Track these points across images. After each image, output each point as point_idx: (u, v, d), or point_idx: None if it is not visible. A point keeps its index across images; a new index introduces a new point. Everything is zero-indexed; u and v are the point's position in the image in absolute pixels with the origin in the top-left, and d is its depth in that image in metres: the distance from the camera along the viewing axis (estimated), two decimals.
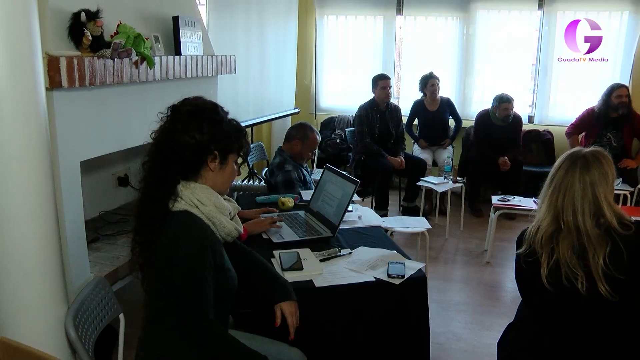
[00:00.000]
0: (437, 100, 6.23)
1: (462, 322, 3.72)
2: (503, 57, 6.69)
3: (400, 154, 5.75)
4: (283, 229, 2.85)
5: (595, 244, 1.82)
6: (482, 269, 4.60)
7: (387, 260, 2.47)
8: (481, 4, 6.54)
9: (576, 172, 1.89)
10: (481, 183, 5.98)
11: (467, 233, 5.42)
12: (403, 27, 6.82)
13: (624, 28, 6.33)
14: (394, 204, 5.99)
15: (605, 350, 1.84)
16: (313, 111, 7.09)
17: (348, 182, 2.89)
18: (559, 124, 6.49)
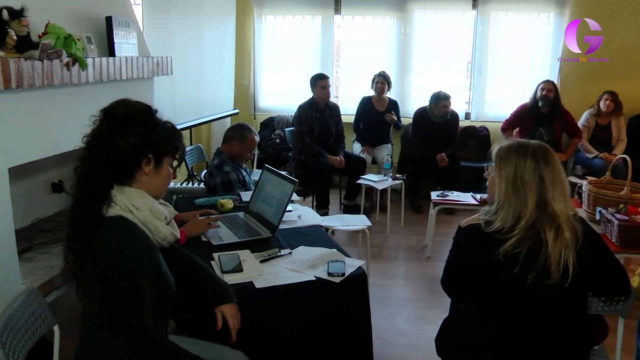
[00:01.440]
0: (385, 100, 6.28)
1: (405, 317, 3.78)
2: (440, 55, 6.86)
3: (340, 152, 5.79)
4: (222, 231, 2.83)
5: (572, 232, 1.88)
6: (424, 264, 4.68)
7: (327, 259, 2.48)
8: (417, 4, 6.66)
9: (548, 161, 1.94)
10: (420, 179, 6.07)
11: (408, 229, 5.51)
12: (341, 27, 6.86)
13: (551, 28, 6.60)
14: (335, 203, 6.03)
15: (549, 338, 1.89)
16: (252, 111, 7.06)
17: (286, 182, 2.89)
18: (495, 120, 6.70)
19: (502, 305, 1.90)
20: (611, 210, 3.63)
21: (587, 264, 1.87)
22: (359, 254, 4.23)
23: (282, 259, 2.53)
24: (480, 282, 1.93)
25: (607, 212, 3.63)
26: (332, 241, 2.88)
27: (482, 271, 1.90)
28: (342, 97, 6.98)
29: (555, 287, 1.83)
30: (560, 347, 1.90)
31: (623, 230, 3.45)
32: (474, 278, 1.95)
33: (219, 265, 2.38)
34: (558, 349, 1.89)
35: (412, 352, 3.33)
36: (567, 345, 1.91)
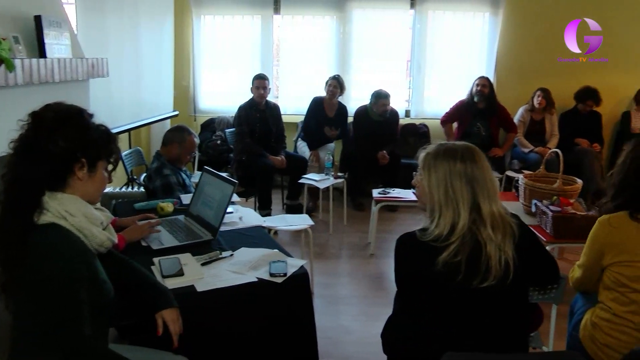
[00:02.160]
0: (335, 104, 6.28)
1: (350, 314, 3.79)
2: (379, 54, 6.93)
3: (281, 152, 5.78)
4: (163, 235, 2.78)
5: (507, 229, 1.89)
6: (367, 261, 4.72)
7: (269, 259, 2.48)
8: (356, 3, 6.71)
9: (476, 162, 1.93)
10: (362, 177, 6.13)
11: (351, 227, 5.54)
12: (281, 27, 6.85)
13: (486, 27, 6.77)
14: (277, 203, 6.01)
15: (492, 332, 1.91)
16: (193, 113, 6.97)
17: (226, 183, 2.86)
18: (434, 117, 6.85)
19: (446, 308, 1.91)
20: (545, 203, 3.75)
21: (524, 257, 1.90)
22: (302, 254, 4.24)
23: (224, 261, 2.51)
24: (423, 290, 1.92)
25: (542, 204, 3.75)
26: (274, 241, 2.88)
27: (423, 279, 1.89)
28: (282, 96, 6.96)
29: (497, 284, 1.84)
30: (503, 338, 1.94)
31: (556, 221, 3.57)
32: (417, 286, 1.94)
33: (160, 270, 2.34)
34: (500, 340, 1.93)
35: (358, 350, 3.35)
36: (509, 336, 1.95)
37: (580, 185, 4.02)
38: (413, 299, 2.00)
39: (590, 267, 2.34)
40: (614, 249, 2.22)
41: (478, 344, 1.87)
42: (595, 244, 2.30)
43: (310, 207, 5.88)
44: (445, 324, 1.92)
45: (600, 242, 2.27)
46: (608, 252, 2.24)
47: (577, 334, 2.41)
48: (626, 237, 2.20)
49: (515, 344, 1.95)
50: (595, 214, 3.66)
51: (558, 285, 2.47)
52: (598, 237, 2.29)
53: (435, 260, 1.82)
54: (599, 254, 2.28)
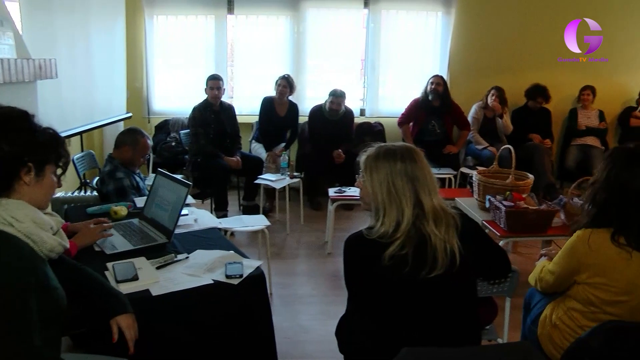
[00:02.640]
0: (286, 103, 6.26)
1: (308, 314, 3.80)
2: (334, 53, 6.93)
3: (236, 153, 5.74)
4: (116, 239, 2.73)
5: (450, 220, 1.94)
6: (325, 260, 4.74)
7: (225, 261, 2.46)
8: (310, 2, 6.71)
9: (415, 161, 1.97)
10: (318, 177, 6.14)
11: (308, 227, 5.55)
12: (235, 27, 6.80)
13: (439, 26, 6.87)
14: (234, 204, 5.98)
15: (444, 325, 1.95)
16: (146, 115, 6.85)
17: (180, 185, 2.83)
18: (389, 115, 6.91)
19: (397, 302, 1.94)
20: (499, 198, 3.83)
21: (470, 247, 1.95)
22: (259, 255, 4.22)
23: (179, 264, 2.48)
24: (373, 286, 1.95)
25: (495, 199, 3.82)
26: (230, 243, 2.86)
27: (372, 275, 1.93)
28: (237, 97, 6.91)
29: (445, 274, 1.88)
30: (455, 331, 1.97)
31: (510, 216, 3.65)
32: (367, 283, 1.97)
33: (114, 275, 2.30)
34: (452, 334, 1.96)
35: (317, 349, 3.35)
36: (460, 329, 1.99)
37: (532, 180, 4.12)
38: (364, 297, 2.02)
39: (563, 277, 2.32)
40: (590, 269, 2.20)
41: (432, 339, 1.90)
42: (572, 260, 2.26)
43: (266, 208, 5.86)
44: (398, 320, 1.94)
45: (577, 260, 2.24)
46: (584, 271, 2.22)
47: (536, 328, 2.45)
48: (604, 261, 2.17)
49: (468, 337, 1.99)
50: (547, 208, 3.78)
51: (510, 277, 2.53)
52: (575, 254, 2.25)
53: (382, 256, 1.87)
54: (574, 270, 2.26)
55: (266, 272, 3.91)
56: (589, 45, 6.73)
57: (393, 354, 1.64)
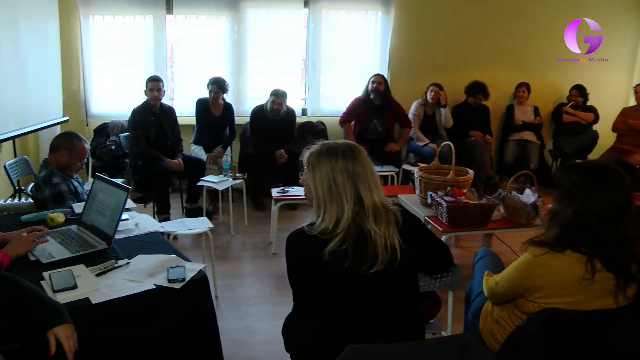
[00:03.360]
0: (220, 104, 6.19)
1: (255, 315, 3.77)
2: (275, 53, 6.91)
3: (178, 155, 5.66)
4: (53, 247, 2.65)
5: (391, 216, 1.97)
6: (270, 260, 4.72)
7: (167, 265, 2.42)
8: (250, 2, 6.67)
9: (357, 158, 2.00)
10: (261, 177, 6.11)
11: (252, 227, 5.52)
12: (174, 27, 6.69)
13: (379, 25, 6.95)
14: (177, 207, 5.89)
15: (386, 320, 1.97)
16: (84, 118, 6.65)
17: (119, 189, 2.76)
18: (331, 114, 6.95)
19: (339, 298, 1.95)
20: (440, 194, 3.90)
21: (411, 242, 1.98)
22: (203, 257, 4.17)
23: (120, 270, 2.43)
24: (315, 282, 1.97)
25: (437, 195, 3.89)
26: (172, 247, 2.81)
27: (314, 271, 1.94)
28: (178, 98, 6.81)
29: (386, 269, 1.91)
30: (398, 326, 1.99)
31: (451, 211, 3.72)
32: (309, 280, 1.99)
33: (50, 285, 2.22)
34: (396, 329, 1.98)
35: (265, 349, 3.34)
36: (404, 324, 2.01)
37: (472, 175, 4.22)
38: (308, 294, 2.04)
39: (512, 291, 2.25)
40: (543, 291, 2.12)
41: (376, 335, 1.92)
42: (526, 280, 2.15)
43: (210, 210, 5.81)
44: (342, 316, 1.96)
45: (531, 281, 2.12)
46: (536, 292, 2.14)
47: (477, 322, 2.49)
48: (560, 284, 2.07)
49: (411, 332, 2.02)
50: (487, 202, 3.87)
51: (452, 271, 2.58)
52: (530, 275, 2.13)
53: (323, 251, 1.88)
54: (526, 288, 2.17)
55: (211, 275, 3.93)
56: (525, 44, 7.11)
57: (338, 351, 1.65)
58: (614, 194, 2.01)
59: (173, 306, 2.30)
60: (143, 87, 5.61)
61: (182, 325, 2.33)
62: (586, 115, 7.04)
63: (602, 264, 2.02)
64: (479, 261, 2.93)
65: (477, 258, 2.99)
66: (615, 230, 2.02)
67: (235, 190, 5.76)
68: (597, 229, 2.02)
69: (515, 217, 3.94)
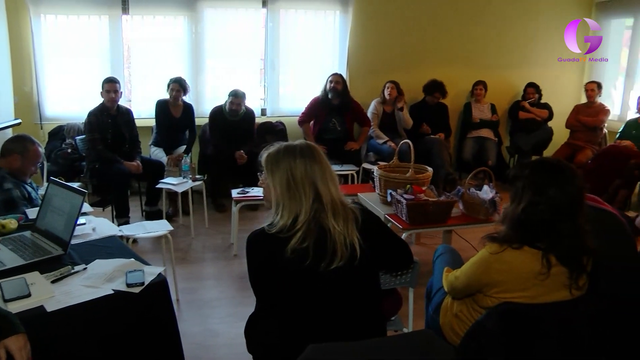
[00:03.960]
0: (180, 105, 6.12)
1: (217, 317, 3.75)
2: (233, 53, 6.86)
3: (136, 158, 5.57)
4: (5, 254, 2.57)
5: (350, 214, 1.98)
6: (231, 262, 4.70)
7: (125, 269, 2.38)
8: (207, 2, 6.60)
9: (315, 157, 2.01)
10: (221, 178, 6.07)
11: (213, 229, 5.48)
12: (130, 27, 6.58)
13: (337, 25, 6.98)
14: (137, 210, 5.81)
15: (348, 318, 1.98)
16: (38, 121, 6.47)
17: (75, 193, 2.71)
18: (290, 114, 6.93)
19: (300, 296, 1.96)
20: (400, 192, 3.93)
21: (370, 240, 2.00)
22: (164, 260, 4.12)
23: (76, 276, 2.38)
24: (276, 281, 1.97)
25: (397, 193, 3.92)
26: (130, 250, 2.77)
27: (275, 270, 1.94)
28: (135, 100, 6.70)
29: (345, 267, 1.92)
30: (359, 324, 2.00)
31: (410, 209, 3.76)
32: (270, 279, 1.99)
33: (1, 294, 2.15)
34: (358, 327, 1.99)
35: (227, 352, 3.32)
36: (365, 322, 2.03)
37: (431, 173, 4.27)
38: (269, 294, 2.04)
39: (471, 286, 2.28)
40: (501, 286, 2.15)
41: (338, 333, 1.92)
42: (484, 275, 2.18)
43: (170, 212, 5.74)
44: (303, 315, 1.97)
45: (489, 276, 2.15)
46: (494, 287, 2.17)
47: (437, 317, 2.51)
48: (517, 279, 2.10)
49: (373, 330, 2.03)
50: (446, 199, 3.91)
51: (412, 268, 2.60)
52: (488, 271, 2.16)
53: (285, 249, 1.90)
54: (484, 284, 2.20)
55: (172, 278, 3.89)
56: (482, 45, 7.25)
57: (300, 350, 1.65)
58: (567, 189, 2.05)
59: (132, 311, 2.27)
60: (99, 89, 5.50)
61: (142, 330, 2.30)
62: (541, 112, 7.19)
63: (557, 259, 2.06)
64: (438, 257, 2.96)
65: (437, 255, 3.02)
66: (568, 224, 2.07)
67: (195, 192, 5.70)
68: (552, 223, 2.06)
69: (474, 214, 4.00)
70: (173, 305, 2.44)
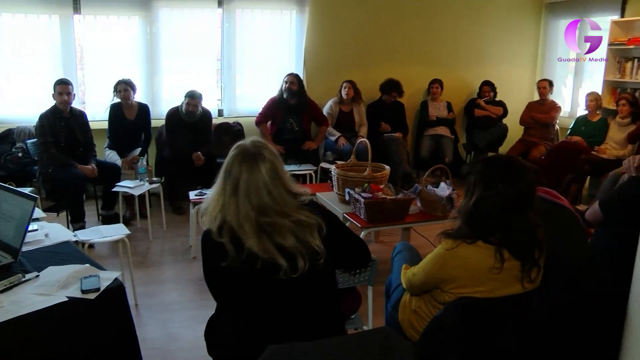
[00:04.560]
0: (134, 106, 6.01)
1: (177, 321, 3.71)
2: (189, 54, 6.79)
3: (91, 161, 5.44)
4: None
5: (301, 216, 1.97)
6: (190, 265, 4.65)
7: (80, 275, 2.34)
8: (162, 2, 6.51)
9: (262, 157, 1.99)
10: (178, 180, 6.00)
11: (172, 232, 5.43)
12: (83, 27, 6.43)
13: (294, 25, 6.98)
14: (93, 215, 5.69)
15: (306, 319, 1.99)
16: None
17: (25, 199, 2.63)
18: (247, 115, 6.90)
19: (255, 296, 1.96)
20: (358, 190, 3.95)
21: (327, 240, 2.00)
22: (121, 265, 4.05)
23: (28, 284, 2.32)
24: (231, 281, 1.97)
25: (355, 192, 3.93)
26: (85, 256, 2.72)
27: (229, 270, 1.93)
28: (89, 102, 6.56)
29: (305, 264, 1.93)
30: (318, 323, 2.01)
31: (369, 207, 3.77)
32: (225, 279, 1.98)
33: None
34: (316, 326, 2.00)
35: (188, 356, 3.29)
36: (323, 321, 2.03)
37: (388, 171, 4.30)
38: (224, 294, 2.05)
39: (428, 282, 2.31)
40: (457, 282, 2.19)
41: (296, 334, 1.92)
42: (440, 271, 2.21)
43: (127, 216, 5.65)
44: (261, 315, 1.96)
45: (445, 272, 2.20)
46: (450, 282, 2.21)
47: (397, 314, 2.53)
48: (472, 274, 2.15)
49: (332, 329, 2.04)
50: (403, 197, 3.95)
51: (370, 266, 2.62)
52: (444, 267, 2.20)
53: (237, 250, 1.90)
54: (440, 280, 2.23)
55: (129, 283, 3.84)
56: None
57: (260, 351, 1.64)
58: (516, 185, 2.10)
59: (88, 318, 2.23)
60: (51, 91, 5.36)
61: (99, 337, 2.27)
62: (496, 110, 7.33)
63: (509, 253, 2.11)
64: (397, 255, 2.99)
65: (395, 252, 3.05)
66: (518, 218, 2.12)
67: (152, 194, 5.63)
68: (504, 218, 2.11)
69: (432, 210, 4.04)
70: (131, 311, 2.41)
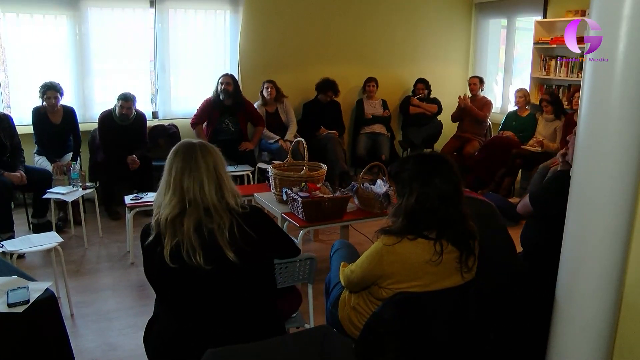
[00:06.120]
0: (60, 110, 5.82)
1: (116, 329, 3.63)
2: (122, 55, 6.63)
3: (19, 167, 5.25)
4: None
5: (223, 216, 2.00)
6: (128, 271, 4.56)
7: (6, 288, 2.25)
8: (92, 2, 6.32)
9: (198, 156, 2.06)
10: (114, 185, 5.89)
11: (108, 238, 5.30)
12: (4, 27, 6.16)
13: (228, 25, 6.93)
14: (23, 224, 5.50)
15: (243, 316, 2.01)
16: None
17: None
18: (183, 116, 6.82)
19: (191, 295, 1.96)
20: (295, 190, 3.96)
21: (256, 237, 2.05)
22: (55, 275, 3.93)
23: None
24: (166, 280, 1.99)
25: (292, 191, 3.94)
26: (13, 267, 2.64)
27: (160, 265, 1.96)
28: (15, 106, 6.29)
29: (236, 263, 1.97)
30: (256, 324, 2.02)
31: (306, 206, 3.79)
32: (161, 276, 2.01)
33: None
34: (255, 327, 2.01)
35: None
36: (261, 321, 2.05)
37: (325, 170, 4.32)
38: (164, 294, 2.06)
39: (366, 279, 2.32)
40: (394, 277, 2.21)
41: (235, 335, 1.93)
42: (377, 267, 2.23)
43: (60, 224, 5.47)
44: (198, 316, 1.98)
45: (382, 269, 2.22)
46: (387, 279, 2.23)
47: (336, 311, 2.56)
48: (410, 268, 2.18)
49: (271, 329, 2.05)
50: (341, 195, 3.98)
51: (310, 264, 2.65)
52: (381, 263, 2.21)
53: (164, 245, 1.97)
54: (377, 276, 2.25)
55: (64, 292, 3.72)
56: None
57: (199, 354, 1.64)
58: (450, 178, 2.18)
59: (16, 333, 2.16)
60: None
61: (30, 352, 2.19)
62: (431, 107, 7.47)
63: (448, 242, 2.17)
64: (335, 253, 3.02)
65: (333, 250, 3.08)
66: (455, 210, 2.19)
67: (87, 200, 5.50)
68: (441, 211, 2.16)
69: (369, 208, 4.09)
70: (64, 322, 2.34)
